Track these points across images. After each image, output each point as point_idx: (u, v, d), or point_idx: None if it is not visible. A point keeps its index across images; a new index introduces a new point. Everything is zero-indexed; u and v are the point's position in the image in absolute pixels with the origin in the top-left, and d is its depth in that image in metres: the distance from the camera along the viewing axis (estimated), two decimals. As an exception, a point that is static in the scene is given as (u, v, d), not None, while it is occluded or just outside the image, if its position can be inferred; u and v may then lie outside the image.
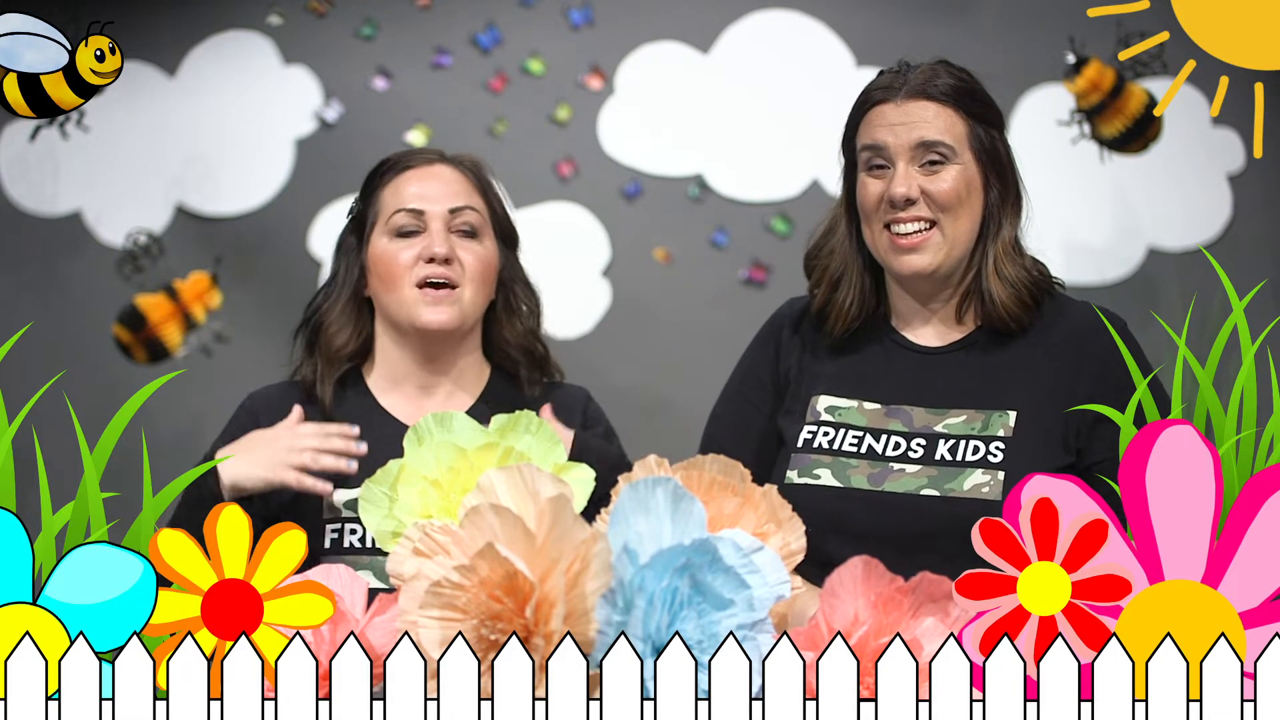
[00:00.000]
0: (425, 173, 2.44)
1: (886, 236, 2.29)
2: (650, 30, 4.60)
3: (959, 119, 2.29)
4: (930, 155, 2.27)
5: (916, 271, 2.28)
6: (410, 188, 2.43)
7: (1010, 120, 4.41)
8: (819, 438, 2.30)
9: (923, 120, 2.27)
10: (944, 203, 2.27)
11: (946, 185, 2.27)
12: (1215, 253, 4.04)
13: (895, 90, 2.29)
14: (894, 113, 2.28)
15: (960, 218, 2.28)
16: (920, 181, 2.27)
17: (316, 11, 4.62)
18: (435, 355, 2.43)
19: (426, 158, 2.47)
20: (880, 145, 2.28)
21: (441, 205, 2.41)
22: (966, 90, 2.31)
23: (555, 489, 1.77)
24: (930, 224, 2.27)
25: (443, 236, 2.39)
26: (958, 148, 2.28)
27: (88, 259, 4.59)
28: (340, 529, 2.33)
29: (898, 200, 2.26)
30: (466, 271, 2.40)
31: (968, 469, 2.22)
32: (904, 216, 2.27)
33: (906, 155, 2.27)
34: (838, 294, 2.35)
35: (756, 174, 4.58)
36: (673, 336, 4.51)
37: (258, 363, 4.35)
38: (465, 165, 2.47)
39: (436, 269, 2.38)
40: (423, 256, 2.39)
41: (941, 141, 2.27)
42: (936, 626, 1.85)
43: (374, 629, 1.90)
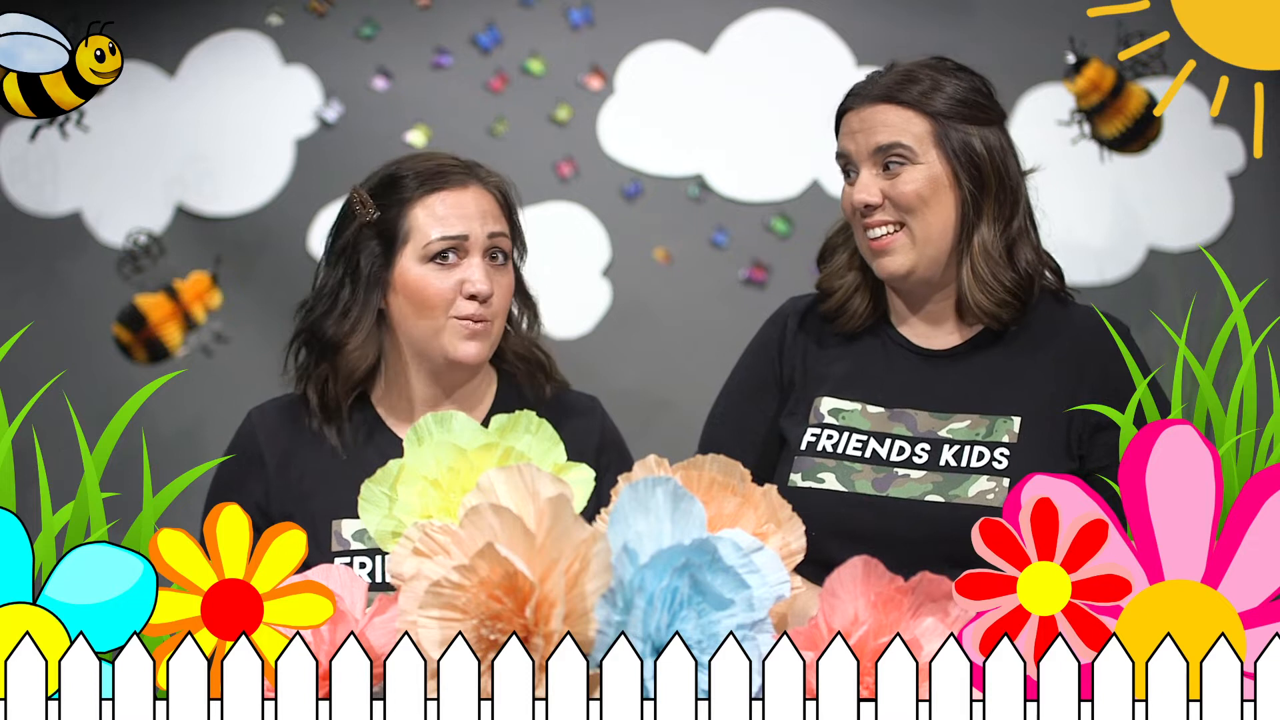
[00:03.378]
0: (463, 196, 2.32)
1: (865, 240, 2.30)
2: (650, 30, 4.60)
3: (920, 119, 2.28)
4: (889, 158, 2.27)
5: (893, 274, 2.29)
6: (448, 210, 2.31)
7: (1010, 120, 4.41)
8: (822, 440, 2.29)
9: (881, 124, 2.27)
10: (906, 204, 2.27)
11: (907, 187, 2.27)
12: (1215, 253, 4.04)
13: (860, 97, 2.30)
14: (855, 120, 2.30)
15: (928, 217, 2.28)
16: (882, 185, 2.27)
17: (316, 11, 4.62)
18: (457, 384, 2.37)
19: (459, 177, 2.33)
20: (844, 153, 2.31)
21: (481, 234, 2.30)
22: (935, 89, 2.28)
23: (555, 489, 1.77)
24: (898, 225, 2.28)
25: (483, 271, 2.29)
26: (918, 148, 2.27)
27: (88, 259, 4.60)
28: (350, 562, 2.27)
29: (859, 206, 2.27)
30: (500, 300, 2.32)
31: (973, 475, 2.22)
32: (870, 221, 2.28)
33: (868, 161, 2.28)
34: (846, 294, 2.36)
35: (756, 174, 4.58)
36: (673, 336, 4.52)
37: (258, 363, 4.37)
38: (493, 186, 2.36)
39: (478, 308, 2.29)
40: (464, 292, 2.29)
41: (897, 143, 2.27)
42: (936, 626, 1.85)
43: (374, 629, 1.90)
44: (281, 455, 2.34)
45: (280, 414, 2.38)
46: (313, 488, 2.32)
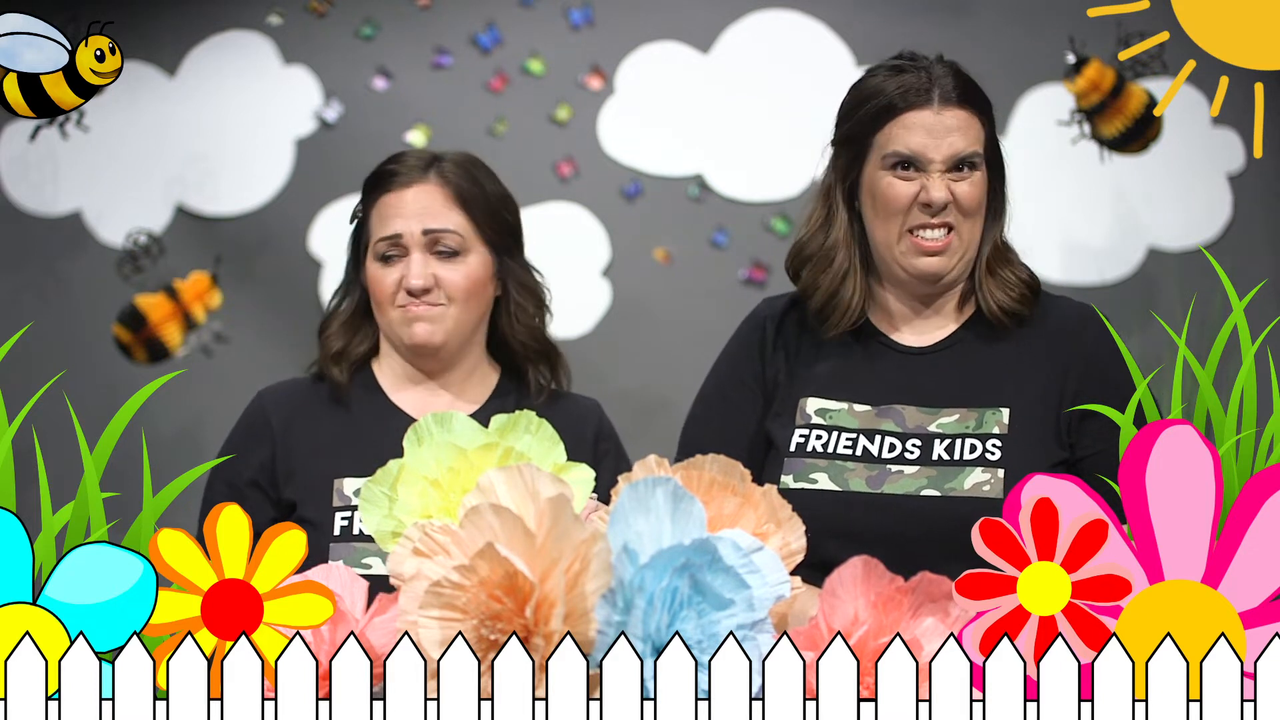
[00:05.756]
0: (404, 195, 2.44)
1: (909, 239, 2.28)
2: (650, 30, 4.60)
3: (981, 126, 2.30)
4: (960, 165, 2.27)
5: (934, 273, 2.28)
6: (390, 211, 2.44)
7: (1010, 120, 4.42)
8: (812, 441, 2.29)
9: (958, 129, 2.27)
10: (968, 208, 2.28)
11: (975, 192, 2.28)
12: (1215, 253, 4.03)
13: (928, 94, 2.28)
14: (932, 119, 2.27)
15: (976, 221, 2.29)
16: (951, 187, 2.27)
17: (316, 11, 4.62)
18: (433, 371, 2.48)
19: (408, 175, 2.45)
20: (916, 154, 2.27)
21: (416, 228, 2.42)
22: (981, 93, 2.31)
23: (555, 489, 1.77)
24: (950, 228, 2.28)
25: (420, 264, 2.41)
26: (982, 155, 2.29)
27: (88, 259, 4.59)
28: (350, 517, 2.37)
29: (935, 205, 2.26)
30: (449, 292, 2.42)
31: (967, 468, 2.22)
32: (932, 222, 2.27)
33: (941, 163, 2.27)
34: (843, 291, 2.34)
35: (756, 174, 4.58)
36: (673, 336, 4.51)
37: (258, 363, 4.37)
38: (448, 176, 2.45)
39: (415, 302, 2.42)
40: (403, 286, 2.42)
41: (975, 152, 2.28)
42: (936, 626, 1.85)
43: (374, 629, 1.90)
44: (287, 420, 2.46)
45: (287, 388, 2.54)
46: (316, 448, 2.44)
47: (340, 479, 2.40)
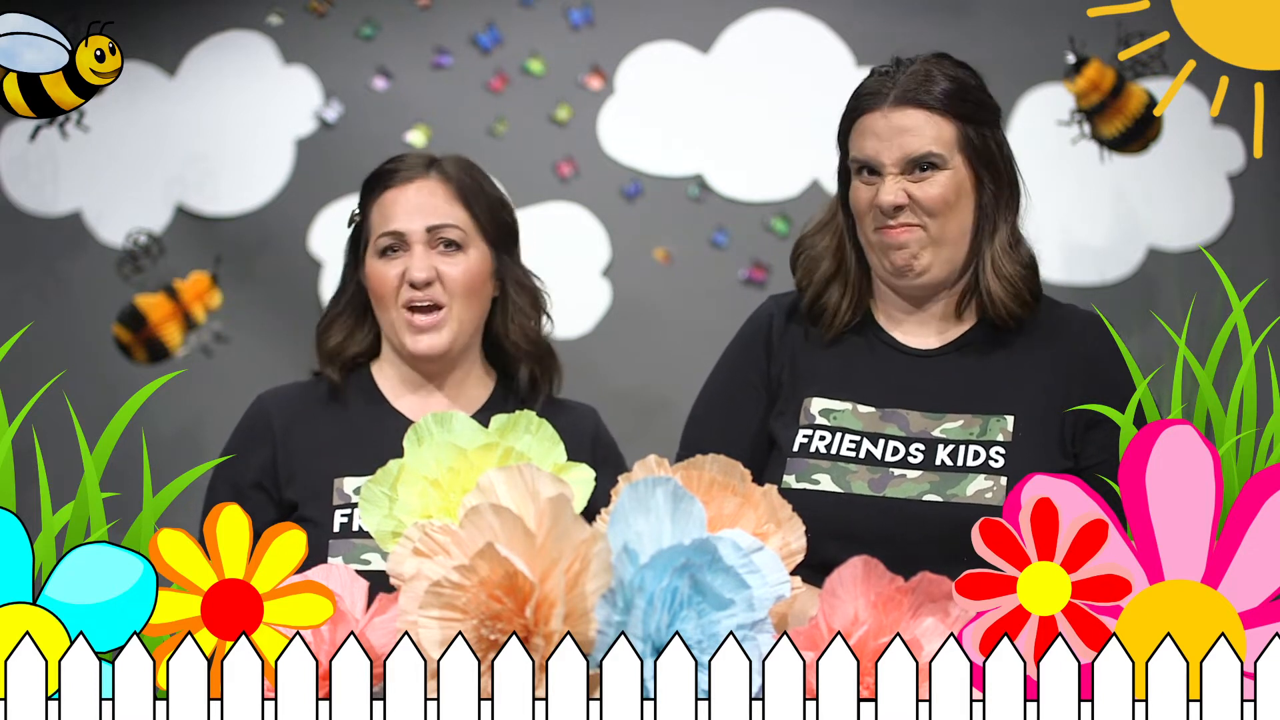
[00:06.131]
0: (405, 190, 2.47)
1: (878, 239, 2.28)
2: (650, 30, 4.60)
3: (948, 124, 2.27)
4: (919, 164, 2.26)
5: (903, 268, 2.28)
6: (392, 207, 2.47)
7: (1010, 120, 4.41)
8: (815, 442, 2.29)
9: (911, 130, 2.25)
10: (932, 208, 2.26)
11: (935, 191, 2.26)
12: (1215, 253, 4.03)
13: (883, 97, 2.27)
14: (881, 123, 2.26)
15: (950, 221, 2.27)
16: (909, 188, 2.26)
17: (316, 11, 4.62)
18: (432, 374, 2.50)
19: (409, 173, 2.49)
20: (867, 159, 2.27)
21: (420, 224, 2.45)
22: (957, 92, 2.28)
23: (555, 489, 1.77)
24: (919, 227, 2.27)
25: (423, 258, 2.44)
26: (947, 154, 2.26)
27: (88, 259, 4.59)
28: (349, 514, 2.38)
29: (885, 209, 2.26)
30: (450, 287, 2.45)
31: (970, 474, 2.22)
32: (895, 223, 2.26)
33: (895, 166, 2.26)
34: (829, 293, 2.34)
35: (756, 174, 4.57)
36: (673, 336, 4.51)
37: (258, 363, 4.37)
38: (449, 173, 2.49)
39: (417, 294, 2.44)
40: (406, 280, 2.44)
41: (930, 152, 2.26)
42: (936, 626, 1.85)
43: (374, 629, 1.91)
44: (288, 422, 2.48)
45: (287, 392, 2.55)
46: (317, 449, 2.45)
47: (340, 478, 2.41)
